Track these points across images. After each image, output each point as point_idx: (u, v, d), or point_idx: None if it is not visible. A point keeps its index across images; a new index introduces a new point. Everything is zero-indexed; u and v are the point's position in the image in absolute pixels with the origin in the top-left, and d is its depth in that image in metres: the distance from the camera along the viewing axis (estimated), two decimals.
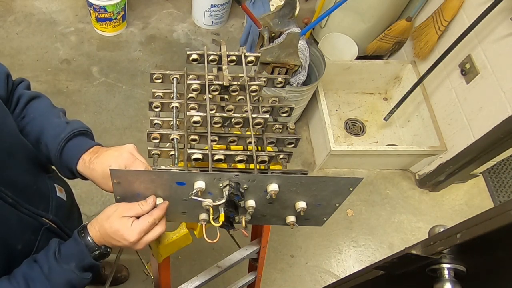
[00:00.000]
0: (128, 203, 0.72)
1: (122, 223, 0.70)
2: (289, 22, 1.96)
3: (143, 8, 2.90)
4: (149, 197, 0.72)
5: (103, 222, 0.72)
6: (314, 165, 2.37)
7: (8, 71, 0.83)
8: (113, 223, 0.71)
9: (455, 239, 0.47)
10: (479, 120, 1.92)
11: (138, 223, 0.71)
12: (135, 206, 0.71)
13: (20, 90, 0.86)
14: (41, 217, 0.83)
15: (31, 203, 0.80)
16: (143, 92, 2.50)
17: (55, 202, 0.89)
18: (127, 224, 0.70)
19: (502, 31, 1.77)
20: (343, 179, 0.69)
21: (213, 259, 1.95)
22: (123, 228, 0.70)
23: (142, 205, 0.72)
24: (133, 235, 0.70)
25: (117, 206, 0.73)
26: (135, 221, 0.71)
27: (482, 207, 2.26)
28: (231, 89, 0.83)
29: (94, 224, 0.73)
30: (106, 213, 0.73)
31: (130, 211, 0.71)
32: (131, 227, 0.70)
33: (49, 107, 0.87)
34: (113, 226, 0.71)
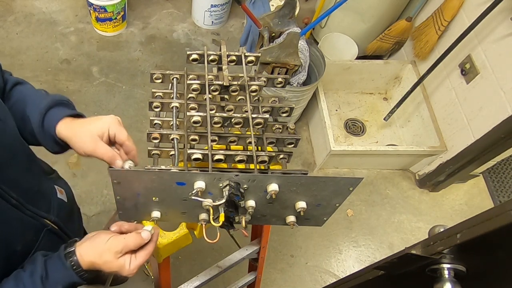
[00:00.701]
0: (119, 237, 0.70)
1: (119, 264, 0.70)
2: (289, 22, 1.96)
3: (143, 8, 2.90)
4: (143, 231, 0.72)
5: (96, 261, 0.70)
6: (314, 165, 2.37)
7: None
8: (111, 265, 0.70)
9: (455, 239, 0.47)
10: (479, 120, 1.92)
11: (137, 262, 0.71)
12: (133, 243, 0.70)
13: (6, 76, 0.86)
14: (43, 219, 0.82)
15: (34, 204, 0.79)
16: (143, 92, 2.50)
17: (56, 204, 0.89)
18: (125, 266, 0.70)
19: (502, 31, 1.77)
20: (343, 179, 0.69)
21: (213, 259, 1.95)
22: (121, 269, 0.70)
23: (139, 241, 0.71)
24: (132, 273, 0.71)
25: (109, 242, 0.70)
26: (132, 260, 0.71)
27: (482, 207, 2.26)
28: (231, 89, 0.83)
29: (83, 255, 0.70)
30: (97, 249, 0.70)
31: (126, 248, 0.70)
32: (130, 268, 0.71)
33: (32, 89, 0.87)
34: (111, 267, 0.70)
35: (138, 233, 0.72)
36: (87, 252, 0.70)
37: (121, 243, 0.70)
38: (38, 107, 0.78)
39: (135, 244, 0.71)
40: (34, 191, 0.81)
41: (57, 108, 0.79)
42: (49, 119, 0.78)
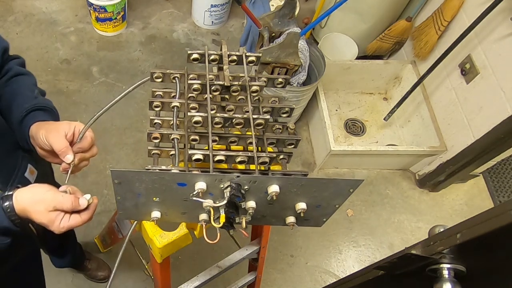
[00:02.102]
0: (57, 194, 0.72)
1: (50, 218, 0.71)
2: (289, 22, 1.96)
3: (143, 8, 2.90)
4: (81, 198, 0.73)
5: (29, 207, 0.70)
6: (314, 165, 2.37)
7: (7, 46, 0.89)
8: (41, 216, 0.70)
9: (455, 239, 0.47)
10: (479, 120, 1.92)
11: (68, 223, 0.72)
12: (66, 203, 0.71)
13: (11, 64, 0.91)
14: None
15: None
16: (143, 92, 2.50)
17: (18, 180, 0.88)
18: (56, 222, 0.71)
19: (502, 31, 1.78)
20: (344, 180, 0.69)
21: (213, 259, 1.94)
22: (50, 224, 0.71)
23: (74, 204, 0.72)
24: (59, 231, 0.72)
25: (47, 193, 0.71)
26: (64, 219, 0.72)
27: (482, 207, 2.26)
28: (232, 89, 0.83)
29: (19, 200, 0.71)
30: (34, 196, 0.71)
31: (59, 205, 0.71)
32: (59, 225, 0.71)
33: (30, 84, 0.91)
34: (40, 218, 0.70)
35: (77, 198, 0.73)
36: (23, 197, 0.71)
37: (57, 199, 0.71)
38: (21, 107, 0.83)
39: (70, 206, 0.72)
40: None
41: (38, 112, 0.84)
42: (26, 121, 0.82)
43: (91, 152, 0.82)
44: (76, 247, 1.74)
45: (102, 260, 1.92)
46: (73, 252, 1.73)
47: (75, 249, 1.73)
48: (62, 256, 1.68)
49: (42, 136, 0.78)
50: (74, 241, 1.69)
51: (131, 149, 2.30)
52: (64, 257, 1.70)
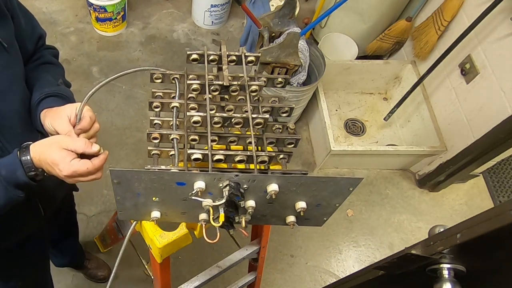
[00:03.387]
0: (72, 137, 0.76)
1: (61, 155, 0.73)
2: (289, 22, 1.96)
3: (143, 8, 2.90)
4: (95, 144, 0.76)
5: (44, 148, 0.74)
6: (314, 165, 2.37)
7: (43, 34, 0.96)
8: (53, 152, 0.73)
9: (455, 239, 0.47)
10: (479, 120, 1.92)
11: (78, 164, 0.73)
12: (79, 143, 0.74)
13: (44, 52, 0.96)
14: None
15: (9, 141, 0.84)
16: (143, 92, 2.50)
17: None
18: (67, 159, 0.73)
19: (502, 31, 1.77)
20: (343, 179, 0.69)
21: (213, 259, 1.95)
22: (60, 161, 0.72)
23: (87, 145, 0.74)
24: (68, 171, 0.73)
25: (62, 136, 0.76)
26: (75, 159, 0.74)
27: (482, 207, 2.26)
28: (231, 89, 0.83)
29: (38, 146, 0.75)
30: (51, 140, 0.75)
31: (72, 144, 0.74)
32: (69, 163, 0.73)
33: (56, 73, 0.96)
34: (52, 155, 0.73)
35: (90, 142, 0.76)
36: (40, 143, 0.75)
37: (71, 140, 0.75)
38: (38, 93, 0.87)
39: (83, 146, 0.74)
40: (16, 133, 0.86)
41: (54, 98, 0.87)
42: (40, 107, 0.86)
43: (93, 129, 0.83)
44: (77, 245, 1.74)
45: (102, 260, 1.92)
46: (74, 251, 1.73)
47: (76, 247, 1.74)
48: (62, 252, 1.68)
49: (49, 123, 0.82)
50: (75, 239, 1.69)
51: (131, 149, 2.30)
52: (64, 255, 1.71)
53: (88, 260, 1.87)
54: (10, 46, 0.81)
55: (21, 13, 0.88)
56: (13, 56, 0.82)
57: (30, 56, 0.94)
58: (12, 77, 0.83)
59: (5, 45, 0.78)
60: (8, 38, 0.81)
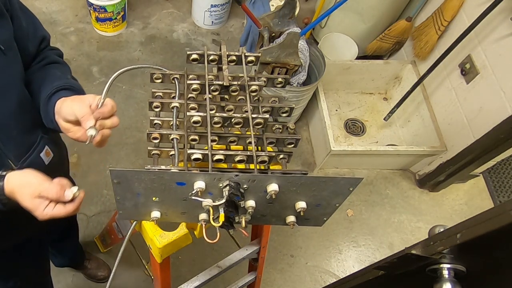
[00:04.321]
0: (46, 182, 0.74)
1: (34, 204, 0.73)
2: (289, 22, 1.96)
3: (143, 8, 2.90)
4: (67, 190, 0.75)
5: (16, 189, 0.73)
6: (314, 165, 2.37)
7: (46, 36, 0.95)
8: (26, 199, 0.73)
9: (455, 239, 0.47)
10: (479, 120, 1.91)
11: (51, 212, 0.74)
12: (53, 191, 0.73)
13: (48, 53, 0.96)
14: (7, 159, 0.85)
15: (5, 144, 0.83)
16: (143, 92, 2.50)
17: (32, 159, 0.91)
18: (40, 208, 0.73)
19: (502, 31, 1.77)
20: (343, 179, 0.69)
21: (213, 259, 1.95)
22: (34, 209, 0.73)
23: (59, 193, 0.73)
24: (42, 217, 0.74)
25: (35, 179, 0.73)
26: (48, 207, 0.74)
27: (482, 207, 2.26)
28: (231, 89, 0.83)
29: (11, 181, 0.74)
30: (22, 180, 0.74)
31: (45, 192, 0.73)
32: (43, 212, 0.73)
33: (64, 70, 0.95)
34: (25, 202, 0.73)
35: (63, 188, 0.75)
36: (14, 179, 0.74)
37: (43, 186, 0.73)
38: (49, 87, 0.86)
39: (54, 195, 0.73)
40: (12, 134, 0.85)
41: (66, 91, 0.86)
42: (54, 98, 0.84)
43: (112, 120, 0.81)
44: (77, 245, 1.74)
45: (102, 260, 1.92)
46: (74, 251, 1.73)
47: (76, 247, 1.74)
48: (62, 252, 1.68)
49: (68, 105, 0.80)
50: (75, 239, 1.69)
51: (131, 149, 2.29)
52: (64, 255, 1.71)
53: (88, 260, 1.87)
54: (8, 48, 0.80)
55: (22, 14, 0.87)
56: (10, 58, 0.81)
57: (32, 58, 0.93)
58: (8, 79, 0.82)
59: (2, 47, 0.78)
60: (6, 40, 0.80)
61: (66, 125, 0.81)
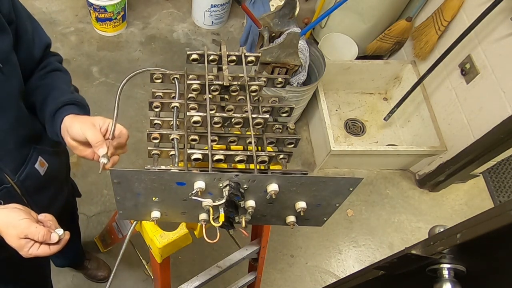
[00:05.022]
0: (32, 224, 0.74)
1: (19, 244, 0.74)
2: (289, 22, 1.96)
3: (143, 8, 2.90)
4: (53, 233, 0.77)
5: (2, 230, 0.74)
6: (314, 165, 2.37)
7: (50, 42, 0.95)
8: (12, 240, 0.74)
9: (455, 239, 0.47)
10: (479, 120, 1.92)
11: (36, 252, 0.76)
12: (40, 234, 0.74)
13: (51, 59, 0.96)
14: (4, 174, 0.86)
15: (1, 158, 0.83)
16: (143, 92, 2.50)
17: (28, 171, 0.91)
18: (25, 248, 0.75)
19: (502, 31, 1.77)
20: (343, 179, 0.69)
21: (213, 259, 1.95)
22: (19, 249, 0.75)
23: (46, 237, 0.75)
24: (26, 256, 0.76)
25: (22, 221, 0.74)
26: (33, 247, 0.75)
27: (482, 207, 2.26)
28: (231, 89, 0.83)
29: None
30: (8, 218, 0.74)
31: (31, 235, 0.74)
32: (27, 252, 0.75)
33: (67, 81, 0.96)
34: (10, 241, 0.74)
35: (49, 232, 0.77)
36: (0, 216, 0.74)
37: (29, 229, 0.74)
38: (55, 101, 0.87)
39: (41, 238, 0.75)
40: (7, 148, 0.84)
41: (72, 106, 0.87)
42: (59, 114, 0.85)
43: (123, 149, 0.85)
44: (78, 246, 1.74)
45: (102, 260, 1.92)
46: (74, 251, 1.73)
47: (76, 248, 1.74)
48: (63, 254, 1.68)
49: (77, 127, 0.80)
50: (76, 240, 1.69)
51: (131, 149, 2.30)
52: (65, 256, 1.71)
53: (88, 260, 1.87)
54: (6, 63, 0.78)
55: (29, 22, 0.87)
56: (8, 74, 0.79)
57: (37, 64, 0.93)
58: (6, 95, 0.81)
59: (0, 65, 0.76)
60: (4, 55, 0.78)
61: (73, 143, 0.83)
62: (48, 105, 0.87)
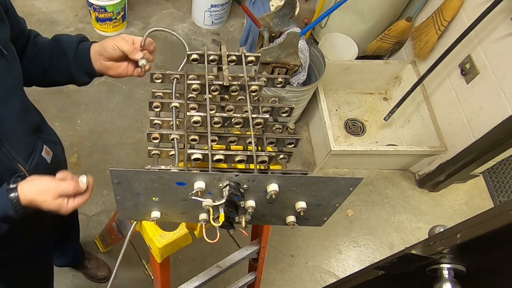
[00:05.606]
0: (59, 182, 0.79)
1: (57, 204, 0.79)
2: (289, 22, 1.96)
3: (143, 8, 2.90)
4: (80, 182, 0.81)
5: (36, 197, 0.77)
6: (314, 165, 2.37)
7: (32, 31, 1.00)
8: (50, 203, 0.78)
9: (455, 239, 0.47)
10: (479, 120, 1.92)
11: (74, 203, 0.81)
12: (71, 188, 0.80)
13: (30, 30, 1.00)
14: (18, 163, 0.88)
15: (13, 147, 0.86)
16: (143, 92, 2.50)
17: (37, 159, 0.94)
18: (63, 205, 0.80)
19: (502, 31, 1.77)
20: (343, 179, 0.69)
21: (213, 259, 1.95)
22: (59, 208, 0.80)
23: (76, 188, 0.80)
24: (68, 211, 0.81)
25: (51, 184, 0.78)
26: (70, 201, 0.81)
27: (482, 207, 2.26)
28: (231, 89, 0.83)
29: (25, 192, 0.77)
30: (38, 188, 0.78)
31: (64, 192, 0.79)
32: (66, 207, 0.80)
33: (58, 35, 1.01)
34: (50, 206, 0.78)
35: (77, 182, 0.81)
36: (28, 190, 0.78)
37: (60, 187, 0.79)
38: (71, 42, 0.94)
39: (73, 190, 0.80)
40: (17, 137, 0.88)
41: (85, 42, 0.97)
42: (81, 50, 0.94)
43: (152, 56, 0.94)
44: (78, 245, 1.74)
45: (102, 260, 1.92)
46: (74, 251, 1.73)
47: (76, 247, 1.74)
48: (63, 252, 1.68)
49: (110, 44, 0.90)
50: (76, 239, 1.69)
51: (131, 149, 2.29)
52: (65, 255, 1.71)
53: (88, 260, 1.88)
54: (8, 51, 0.81)
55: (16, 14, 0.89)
56: (11, 61, 0.82)
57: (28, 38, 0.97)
58: (11, 83, 0.83)
59: (5, 52, 0.79)
60: (6, 43, 0.81)
61: (108, 63, 0.93)
62: (64, 49, 0.93)
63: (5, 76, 0.81)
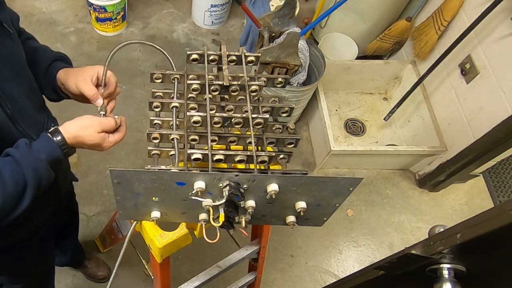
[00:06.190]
0: (102, 119, 0.87)
1: (102, 137, 0.85)
2: (289, 22, 1.96)
3: (143, 8, 2.90)
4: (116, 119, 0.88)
5: (80, 132, 0.83)
6: (314, 165, 2.37)
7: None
8: (94, 136, 0.84)
9: (455, 239, 0.47)
10: (479, 120, 1.91)
11: (114, 138, 0.88)
12: (111, 124, 0.87)
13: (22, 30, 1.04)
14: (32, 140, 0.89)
15: (26, 124, 0.89)
16: (143, 92, 2.50)
17: None
18: (105, 139, 0.86)
19: (502, 31, 1.77)
20: (343, 179, 0.69)
21: (213, 259, 1.95)
22: (103, 142, 0.86)
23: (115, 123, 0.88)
24: (109, 146, 0.88)
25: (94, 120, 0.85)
26: (110, 136, 0.88)
27: (482, 207, 2.26)
28: (231, 89, 0.83)
29: (69, 129, 0.83)
30: (82, 124, 0.84)
31: (106, 127, 0.86)
32: (109, 141, 0.87)
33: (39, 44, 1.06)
34: (94, 139, 0.84)
35: (114, 119, 0.88)
36: (72, 127, 0.83)
37: (103, 123, 0.86)
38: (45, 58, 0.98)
39: (114, 125, 0.88)
40: (29, 114, 0.91)
41: (59, 62, 0.99)
42: (52, 68, 0.97)
43: (116, 92, 0.97)
44: (77, 243, 1.74)
45: (102, 260, 1.92)
46: (74, 248, 1.73)
47: (76, 245, 1.74)
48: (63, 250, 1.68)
49: (72, 82, 0.92)
50: (75, 235, 1.69)
51: (131, 149, 2.29)
52: (65, 253, 1.71)
53: (88, 259, 1.88)
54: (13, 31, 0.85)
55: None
56: (16, 42, 0.86)
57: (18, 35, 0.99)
58: (20, 62, 0.87)
59: (11, 31, 0.82)
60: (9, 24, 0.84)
61: (74, 97, 0.97)
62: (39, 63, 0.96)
63: (13, 55, 0.84)
